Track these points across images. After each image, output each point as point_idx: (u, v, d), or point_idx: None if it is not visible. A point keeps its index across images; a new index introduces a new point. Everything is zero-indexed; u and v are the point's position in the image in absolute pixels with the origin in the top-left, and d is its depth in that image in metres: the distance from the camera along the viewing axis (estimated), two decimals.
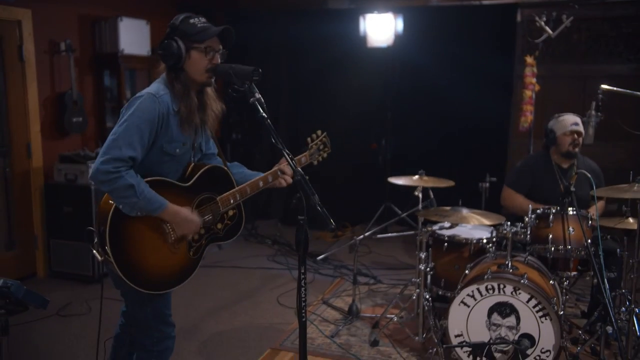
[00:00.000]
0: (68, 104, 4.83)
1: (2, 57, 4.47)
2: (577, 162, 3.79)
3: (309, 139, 2.65)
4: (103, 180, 2.07)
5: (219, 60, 2.26)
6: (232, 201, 2.38)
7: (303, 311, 1.97)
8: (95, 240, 2.19)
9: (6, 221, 4.65)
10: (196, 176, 2.32)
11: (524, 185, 3.81)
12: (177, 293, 2.44)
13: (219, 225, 2.40)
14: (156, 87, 2.22)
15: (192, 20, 2.22)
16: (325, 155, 2.69)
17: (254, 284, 4.75)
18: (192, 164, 2.36)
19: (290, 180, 2.39)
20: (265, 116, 2.02)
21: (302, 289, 1.96)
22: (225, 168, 2.45)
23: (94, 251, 2.19)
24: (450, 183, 3.99)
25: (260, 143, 6.60)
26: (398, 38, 5.88)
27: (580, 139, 3.69)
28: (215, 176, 2.39)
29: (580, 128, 3.67)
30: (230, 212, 2.43)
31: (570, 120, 3.69)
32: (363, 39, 5.92)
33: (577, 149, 3.71)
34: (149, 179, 2.17)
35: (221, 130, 6.40)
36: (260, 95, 2.05)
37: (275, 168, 2.45)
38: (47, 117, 4.81)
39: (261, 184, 2.43)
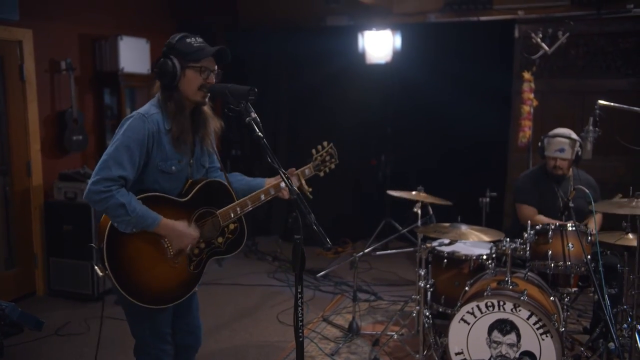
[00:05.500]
0: (68, 122, 4.85)
1: (3, 76, 4.50)
2: (572, 175, 3.79)
3: (314, 150, 2.64)
4: (96, 200, 2.11)
5: (214, 80, 2.27)
6: (232, 215, 2.37)
7: (300, 331, 1.96)
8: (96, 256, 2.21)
9: (6, 240, 4.64)
10: (194, 191, 2.33)
11: (532, 196, 3.82)
12: None
13: (220, 240, 2.40)
14: (147, 107, 2.26)
15: (188, 40, 2.25)
16: (332, 166, 2.69)
17: (254, 301, 4.72)
18: (190, 180, 2.37)
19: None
20: (261, 135, 2.02)
21: (299, 308, 1.95)
22: (226, 182, 2.44)
23: (96, 267, 2.22)
24: (448, 203, 3.98)
25: (259, 159, 6.60)
26: (396, 54, 5.92)
27: (565, 163, 3.67)
28: (214, 190, 2.40)
29: (564, 155, 3.63)
30: (232, 226, 2.42)
31: (557, 145, 3.65)
32: (362, 56, 5.97)
33: (560, 172, 3.71)
34: (143, 195, 2.19)
35: (221, 147, 6.41)
36: (256, 115, 2.05)
37: (277, 181, 2.45)
38: (48, 135, 4.82)
39: (263, 197, 2.43)
